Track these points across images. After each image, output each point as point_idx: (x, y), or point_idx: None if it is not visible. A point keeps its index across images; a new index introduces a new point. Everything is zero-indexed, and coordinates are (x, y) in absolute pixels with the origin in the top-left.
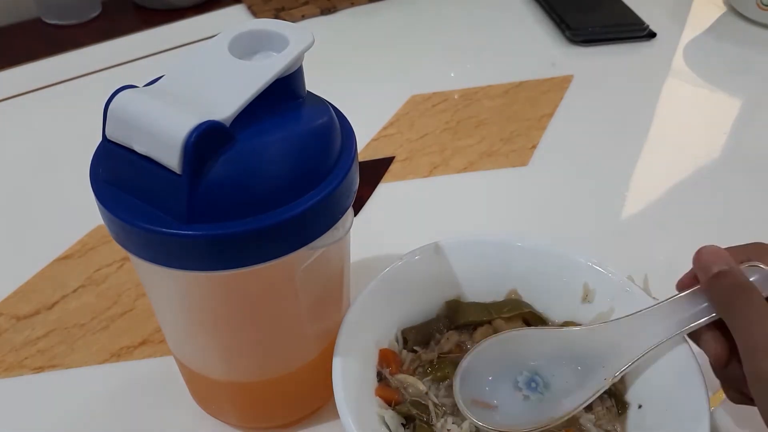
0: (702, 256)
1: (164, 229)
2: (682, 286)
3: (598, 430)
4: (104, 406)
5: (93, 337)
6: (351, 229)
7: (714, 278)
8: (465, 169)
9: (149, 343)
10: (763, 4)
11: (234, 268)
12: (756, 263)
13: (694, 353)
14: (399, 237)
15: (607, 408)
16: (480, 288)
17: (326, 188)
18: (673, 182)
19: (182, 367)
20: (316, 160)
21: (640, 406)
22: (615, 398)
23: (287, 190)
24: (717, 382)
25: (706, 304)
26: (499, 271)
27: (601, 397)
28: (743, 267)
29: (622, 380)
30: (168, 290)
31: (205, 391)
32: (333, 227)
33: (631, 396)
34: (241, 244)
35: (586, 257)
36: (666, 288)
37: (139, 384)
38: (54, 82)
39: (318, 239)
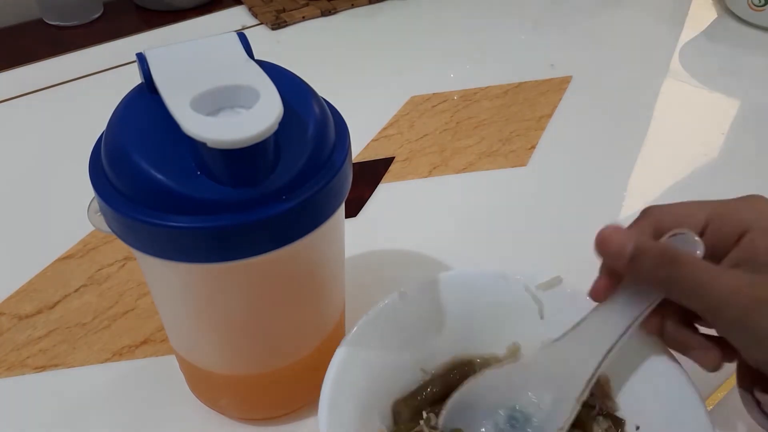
0: (607, 243)
1: (167, 223)
2: (597, 294)
3: None
4: (106, 404)
5: (94, 336)
6: (347, 223)
7: (633, 261)
8: (464, 170)
9: (150, 342)
10: (754, 4)
11: (235, 259)
12: (678, 230)
13: (685, 371)
14: (399, 237)
15: (604, 430)
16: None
17: (323, 179)
18: (672, 183)
19: (184, 363)
20: (315, 149)
21: (637, 428)
22: (611, 419)
23: (286, 181)
24: (709, 387)
25: (638, 292)
26: (500, 312)
27: (596, 420)
28: (667, 239)
29: (611, 398)
30: (169, 283)
31: (206, 386)
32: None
33: (628, 416)
34: (244, 235)
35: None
36: None
37: (141, 383)
38: (55, 83)
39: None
